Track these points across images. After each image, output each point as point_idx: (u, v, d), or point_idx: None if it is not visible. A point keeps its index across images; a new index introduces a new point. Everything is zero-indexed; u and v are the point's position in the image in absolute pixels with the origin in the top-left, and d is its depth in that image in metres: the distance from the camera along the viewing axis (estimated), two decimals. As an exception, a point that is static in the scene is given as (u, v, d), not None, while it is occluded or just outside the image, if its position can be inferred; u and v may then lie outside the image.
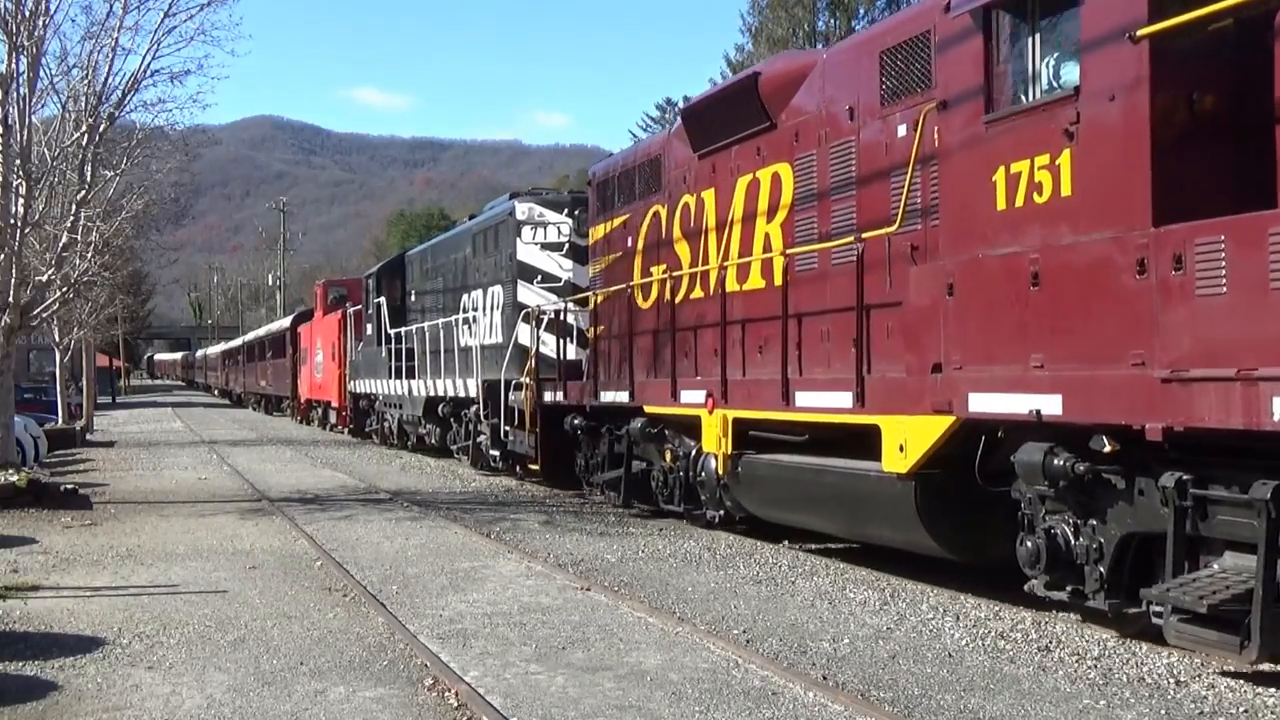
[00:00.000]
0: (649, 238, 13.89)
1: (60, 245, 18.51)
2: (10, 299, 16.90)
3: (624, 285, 14.07)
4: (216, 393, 75.25)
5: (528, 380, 16.71)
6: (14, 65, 16.36)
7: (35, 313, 18.65)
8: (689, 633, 7.85)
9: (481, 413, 18.76)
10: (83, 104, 17.42)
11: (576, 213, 17.75)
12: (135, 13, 17.28)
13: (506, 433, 17.64)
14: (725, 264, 11.82)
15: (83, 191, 17.84)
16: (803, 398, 10.12)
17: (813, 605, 8.77)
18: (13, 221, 16.71)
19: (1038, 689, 6.45)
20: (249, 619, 8.47)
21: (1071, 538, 7.44)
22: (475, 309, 20.14)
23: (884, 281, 9.33)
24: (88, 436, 31.74)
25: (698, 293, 12.63)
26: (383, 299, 26.58)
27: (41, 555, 11.59)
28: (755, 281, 11.38)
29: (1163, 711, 6.02)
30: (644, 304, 13.77)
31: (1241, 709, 6.03)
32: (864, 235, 9.32)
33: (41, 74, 17.20)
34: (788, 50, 30.47)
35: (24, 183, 16.69)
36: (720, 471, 11.59)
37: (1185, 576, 6.54)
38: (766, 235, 11.26)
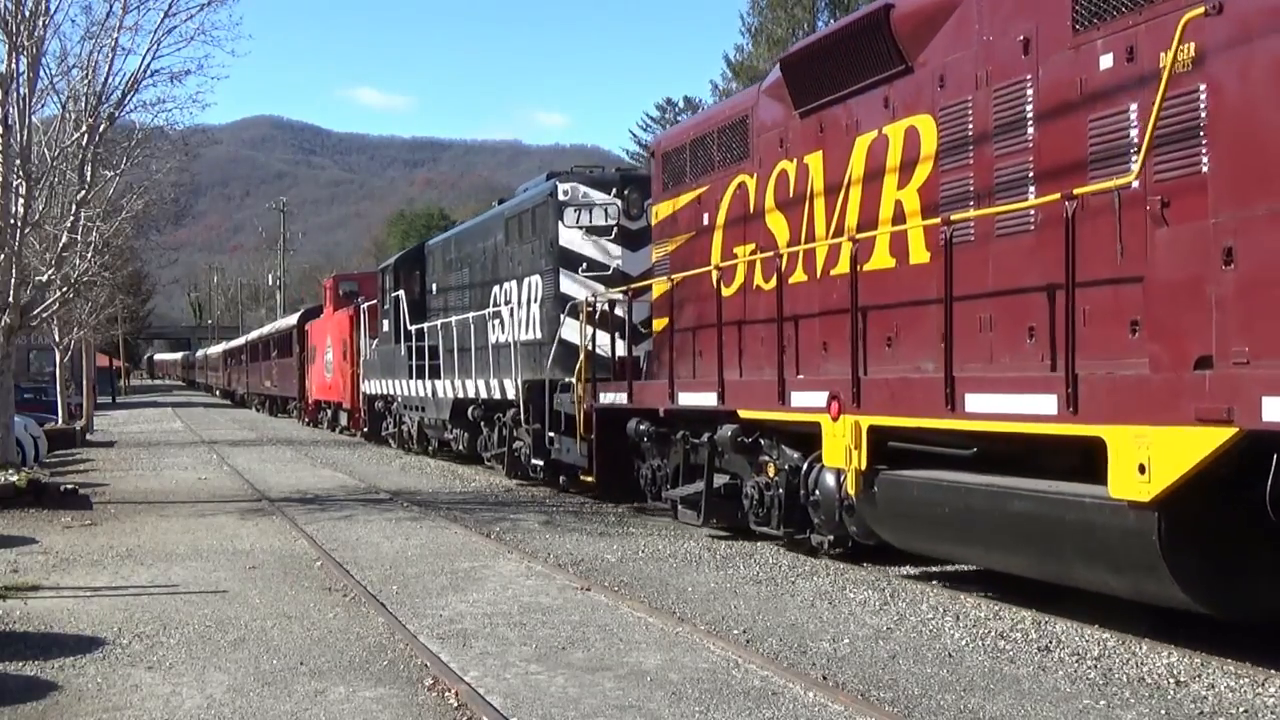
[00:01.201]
0: (732, 213, 12.00)
1: (60, 245, 18.52)
2: (10, 299, 16.90)
3: (702, 269, 12.19)
4: (218, 393, 74.38)
5: (579, 381, 14.80)
6: (14, 65, 16.37)
7: (35, 313, 18.66)
8: (689, 633, 7.85)
9: (522, 417, 16.79)
10: (83, 104, 17.43)
11: (626, 192, 16.18)
12: (135, 13, 17.35)
13: (551, 439, 15.75)
14: (842, 239, 9.73)
15: (83, 191, 17.85)
16: (976, 402, 7.94)
17: (813, 605, 8.77)
18: (13, 221, 16.71)
19: (1038, 689, 6.44)
20: (249, 619, 8.47)
21: None
22: (509, 302, 18.20)
23: (1101, 249, 7.24)
24: (88, 436, 31.75)
25: (799, 275, 10.65)
26: (401, 293, 24.36)
27: (41, 555, 11.59)
28: (882, 259, 9.46)
29: (1163, 711, 6.02)
30: (728, 290, 11.74)
31: (1241, 709, 6.03)
32: (1077, 191, 7.19)
33: (41, 74, 17.25)
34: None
35: (24, 183, 16.70)
36: (850, 490, 9.37)
37: None
38: (898, 203, 9.38)
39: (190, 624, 8.31)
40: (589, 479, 14.72)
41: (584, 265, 16.15)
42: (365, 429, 29.65)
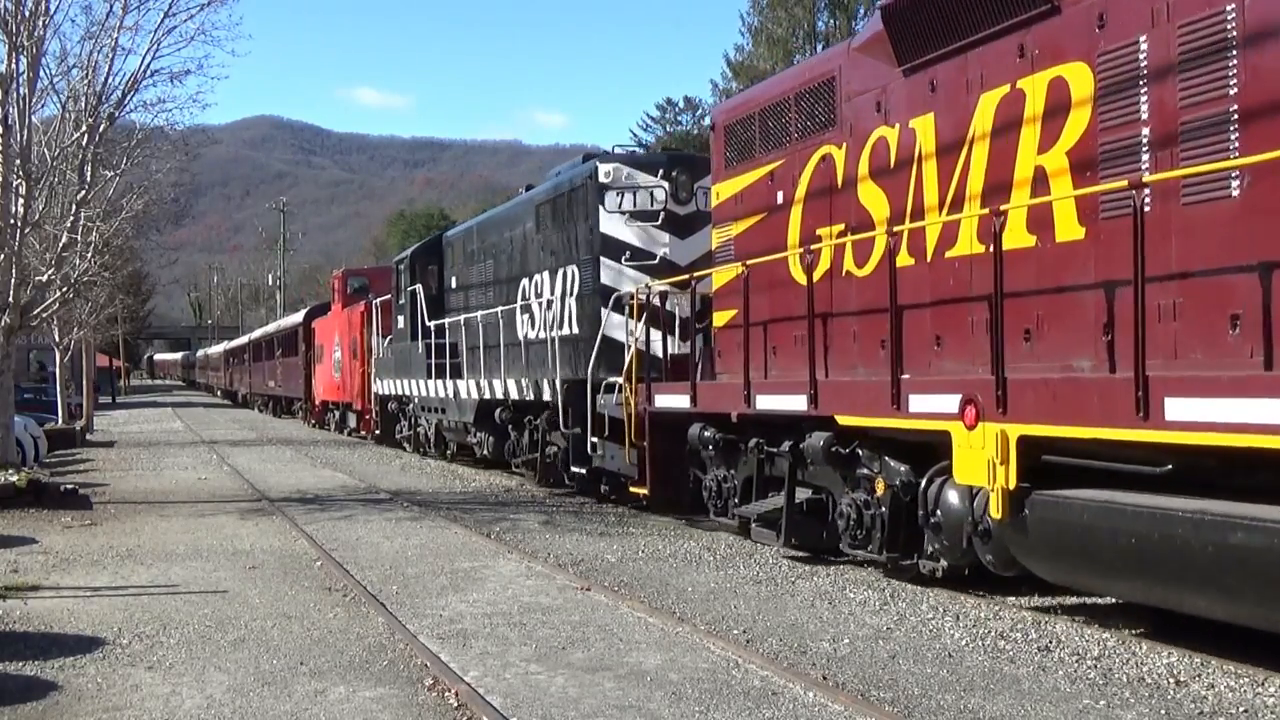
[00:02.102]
0: (814, 189, 10.56)
1: (60, 245, 18.52)
2: (10, 299, 16.90)
3: (778, 254, 10.77)
4: (219, 394, 73.74)
5: (627, 381, 13.54)
6: (14, 65, 16.38)
7: (35, 313, 18.66)
8: (689, 633, 7.84)
9: (561, 420, 15.16)
10: (83, 104, 17.44)
11: (674, 174, 14.84)
12: (135, 13, 17.37)
13: (594, 445, 14.27)
14: (964, 214, 8.53)
15: (83, 191, 17.86)
16: (1179, 408, 6.46)
17: (813, 605, 8.77)
18: (13, 221, 16.71)
19: (1038, 689, 6.44)
20: (249, 619, 8.47)
21: None
22: (540, 296, 16.93)
23: None
24: (88, 436, 31.75)
25: (903, 258, 9.11)
26: (419, 286, 22.79)
27: (41, 555, 11.59)
28: (1017, 237, 8.09)
29: (1163, 711, 6.02)
30: (806, 277, 10.22)
31: (1241, 709, 6.03)
32: None
33: (41, 74, 17.25)
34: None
35: (24, 183, 16.71)
36: (994, 514, 7.80)
37: None
38: (1038, 170, 8.01)
39: (190, 624, 8.31)
40: (639, 490, 13.30)
41: (627, 254, 14.81)
42: (378, 431, 28.10)
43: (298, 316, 42.50)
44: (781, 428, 10.58)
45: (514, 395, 17.26)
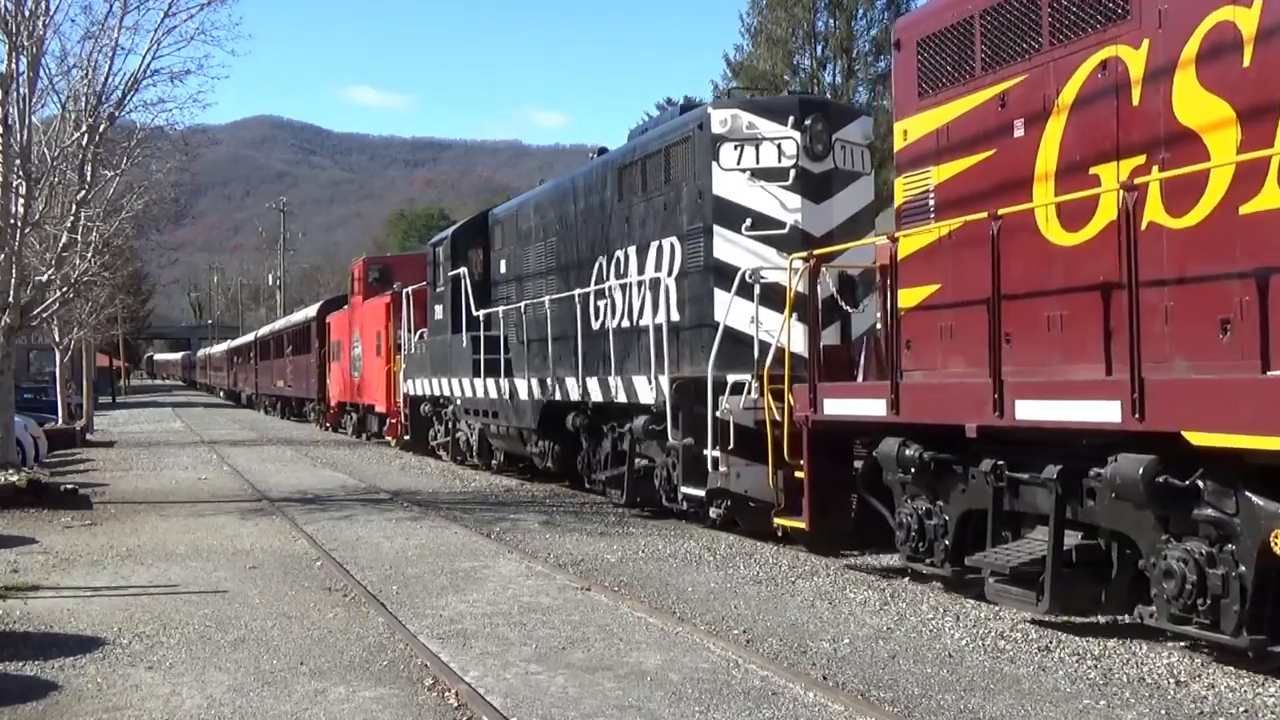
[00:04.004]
0: (1083, 109, 7.82)
1: (60, 245, 18.52)
2: (10, 299, 16.91)
3: (1014, 203, 8.11)
4: (221, 394, 72.61)
5: (768, 381, 11.10)
6: (14, 65, 16.38)
7: (35, 313, 18.65)
8: (689, 633, 7.85)
9: (669, 428, 12.39)
10: (83, 104, 17.43)
11: (808, 122, 12.18)
12: (135, 13, 17.34)
13: (714, 460, 11.64)
14: None
15: (83, 191, 17.85)
16: None
17: (813, 605, 8.77)
18: (13, 221, 16.72)
19: (1038, 689, 6.44)
20: (249, 619, 8.47)
21: None
22: (625, 275, 14.29)
23: None
24: (88, 436, 31.75)
25: (1269, 200, 6.45)
26: (463, 271, 19.85)
27: (41, 555, 11.59)
28: None
29: (1163, 711, 6.02)
30: (1075, 234, 7.79)
31: (1241, 709, 6.03)
32: None
33: (41, 74, 17.23)
34: None
35: (24, 183, 16.71)
36: None
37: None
38: None
39: (190, 624, 8.31)
40: (789, 522, 10.80)
41: (748, 221, 12.17)
42: (407, 437, 24.86)
43: (311, 310, 39.67)
44: (1036, 447, 7.92)
45: (596, 397, 14.49)
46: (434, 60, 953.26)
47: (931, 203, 9.33)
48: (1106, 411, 7.04)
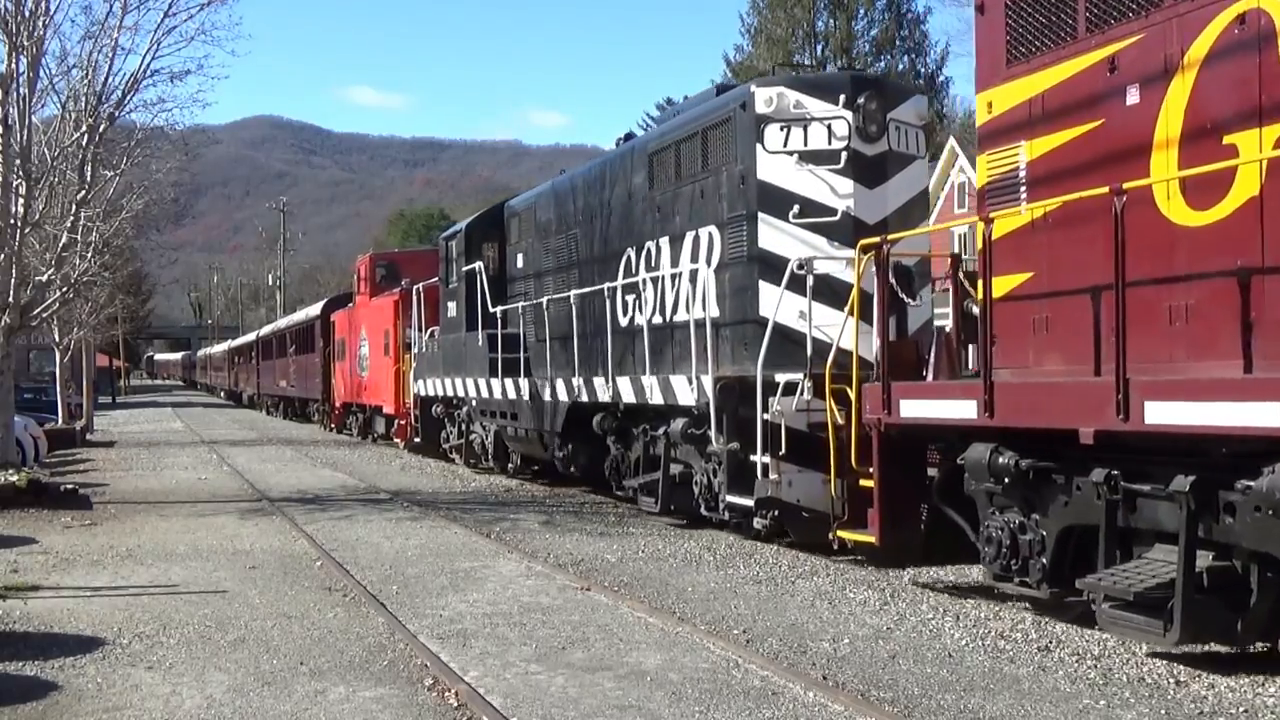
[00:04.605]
0: (1215, 71, 6.92)
1: (60, 245, 18.53)
2: (10, 299, 16.91)
3: (1129, 180, 7.13)
4: (222, 395, 72.08)
5: (812, 381, 10.46)
6: (14, 65, 16.39)
7: (35, 313, 18.66)
8: (689, 633, 7.85)
9: (713, 432, 11.48)
10: (83, 104, 17.44)
11: (861, 101, 11.32)
12: (135, 13, 17.36)
13: (764, 467, 10.69)
14: None
15: (83, 191, 17.86)
16: None
17: (813, 605, 8.77)
18: (13, 221, 16.72)
19: (1038, 689, 6.44)
20: (249, 619, 8.47)
21: None
22: (656, 268, 13.40)
23: None
24: (88, 436, 31.75)
25: None
26: (480, 265, 18.81)
27: (41, 555, 11.59)
28: None
29: (1163, 711, 6.02)
30: (1206, 213, 6.89)
31: (1241, 709, 6.03)
32: None
33: (41, 74, 17.26)
34: None
35: (24, 183, 16.72)
36: None
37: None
38: None
39: (190, 624, 8.31)
40: (855, 536, 9.85)
41: (796, 208, 11.31)
42: (417, 439, 23.95)
43: (315, 309, 38.57)
44: (1156, 455, 7.06)
45: (628, 398, 13.57)
46: (433, 60, 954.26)
47: (1023, 181, 8.38)
48: (1268, 415, 6.08)
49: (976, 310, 8.70)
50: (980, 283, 8.34)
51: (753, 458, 10.91)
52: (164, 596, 9.39)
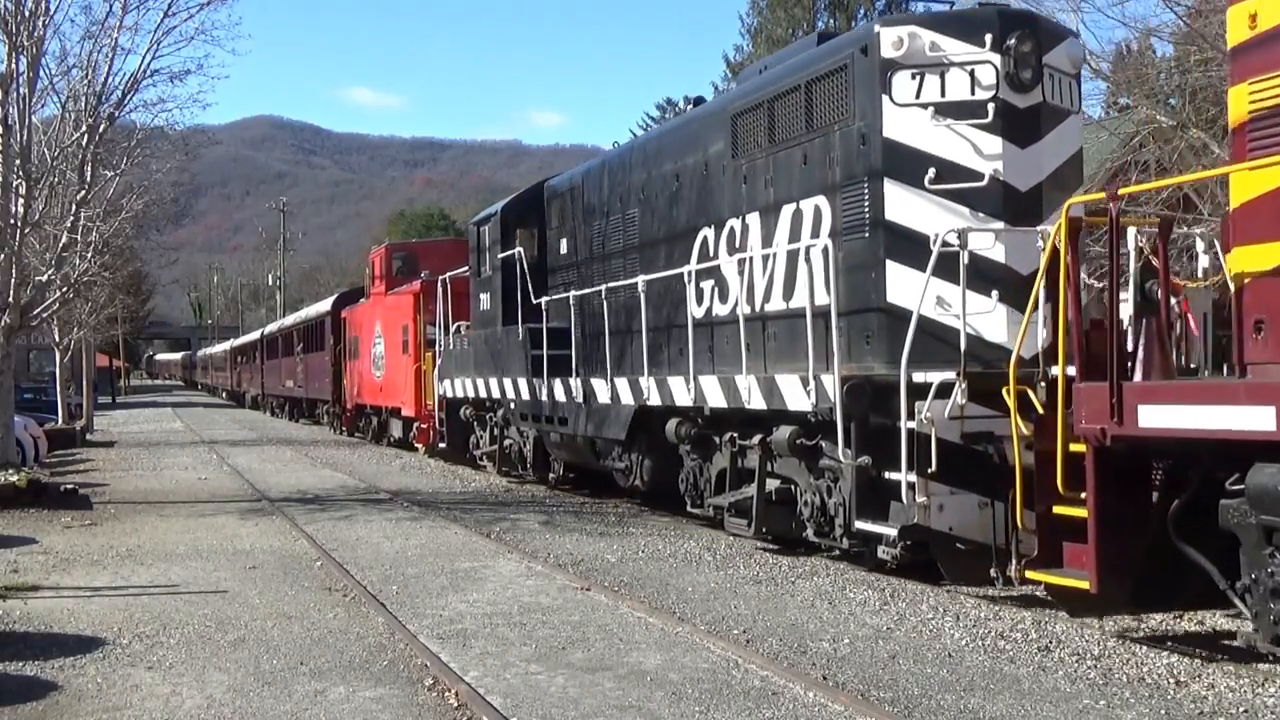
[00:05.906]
0: None
1: (60, 245, 18.53)
2: (10, 299, 16.91)
3: None
4: (223, 395, 71.35)
5: (1009, 383, 7.88)
6: (14, 65, 16.39)
7: (35, 313, 18.66)
8: (689, 633, 7.85)
9: (841, 443, 9.26)
10: (83, 104, 17.45)
11: (1011, 42, 9.31)
12: (135, 13, 17.37)
13: (909, 487, 8.62)
14: None
15: (83, 191, 17.87)
16: None
17: (813, 605, 8.77)
18: (13, 221, 16.72)
19: (1038, 689, 6.44)
20: (249, 619, 8.47)
21: None
22: (743, 249, 11.44)
23: None
24: (88, 436, 31.76)
25: None
26: (518, 251, 16.61)
27: (41, 555, 11.59)
28: None
29: (1163, 711, 6.02)
30: None
31: (1241, 709, 6.03)
32: None
33: (41, 74, 17.27)
34: None
35: (24, 183, 16.72)
36: None
37: None
38: None
39: (190, 624, 8.31)
40: (1062, 581, 7.35)
41: (932, 172, 9.39)
42: (442, 445, 21.82)
43: (324, 305, 36.32)
44: None
45: (716, 401, 11.44)
46: (433, 60, 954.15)
47: None
48: None
49: (1160, 294, 7.16)
50: (1228, 257, 6.60)
51: (888, 475, 9.02)
52: (164, 596, 9.39)
